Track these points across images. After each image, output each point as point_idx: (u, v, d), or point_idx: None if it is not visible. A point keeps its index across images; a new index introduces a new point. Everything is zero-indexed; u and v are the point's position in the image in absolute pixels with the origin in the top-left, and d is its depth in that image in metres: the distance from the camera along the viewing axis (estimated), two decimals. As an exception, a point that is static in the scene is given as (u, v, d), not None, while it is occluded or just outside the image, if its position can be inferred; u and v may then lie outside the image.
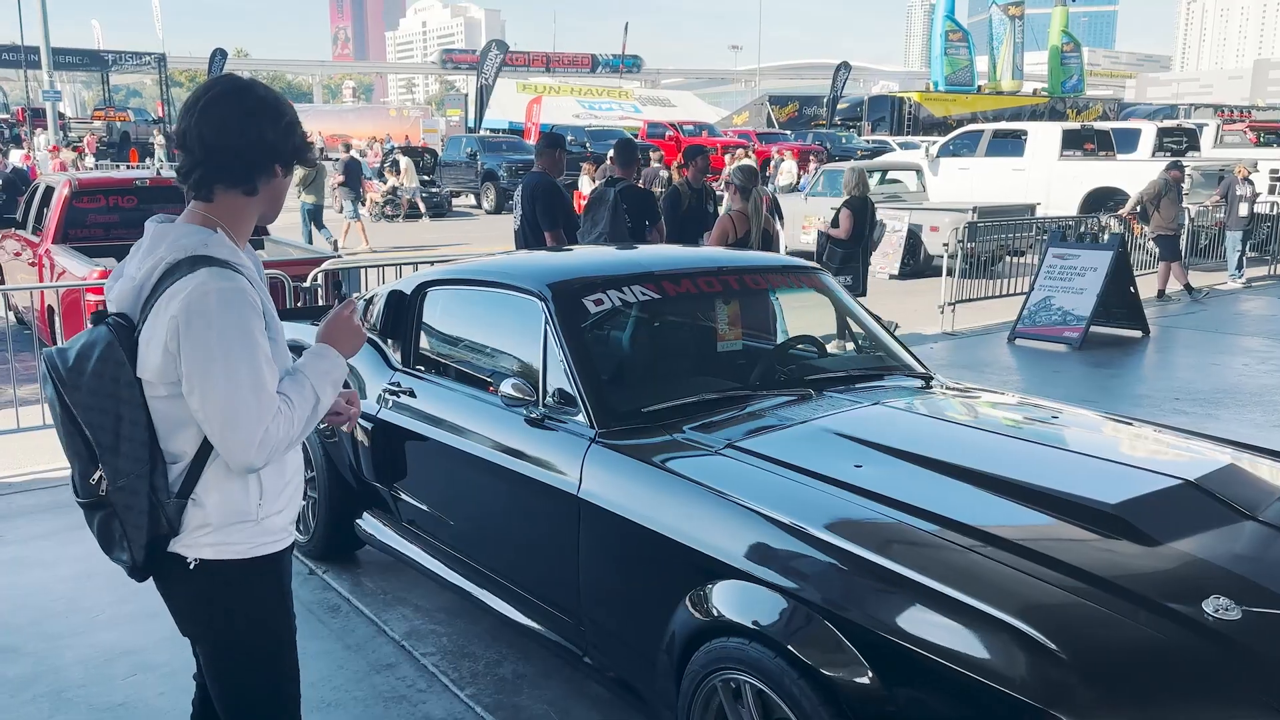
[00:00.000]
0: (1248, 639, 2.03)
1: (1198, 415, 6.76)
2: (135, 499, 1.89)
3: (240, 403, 1.80)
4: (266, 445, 1.84)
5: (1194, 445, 3.10)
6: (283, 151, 1.94)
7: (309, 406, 1.92)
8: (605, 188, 6.84)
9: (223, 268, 1.85)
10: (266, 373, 1.85)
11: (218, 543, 1.94)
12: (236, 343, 1.81)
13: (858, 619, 2.17)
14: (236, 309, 1.82)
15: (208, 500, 1.93)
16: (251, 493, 1.96)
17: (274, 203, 2.01)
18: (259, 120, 1.90)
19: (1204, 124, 22.88)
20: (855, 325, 3.94)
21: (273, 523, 2.01)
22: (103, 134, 38.08)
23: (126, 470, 1.88)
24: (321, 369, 1.97)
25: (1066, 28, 43.48)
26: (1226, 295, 12.17)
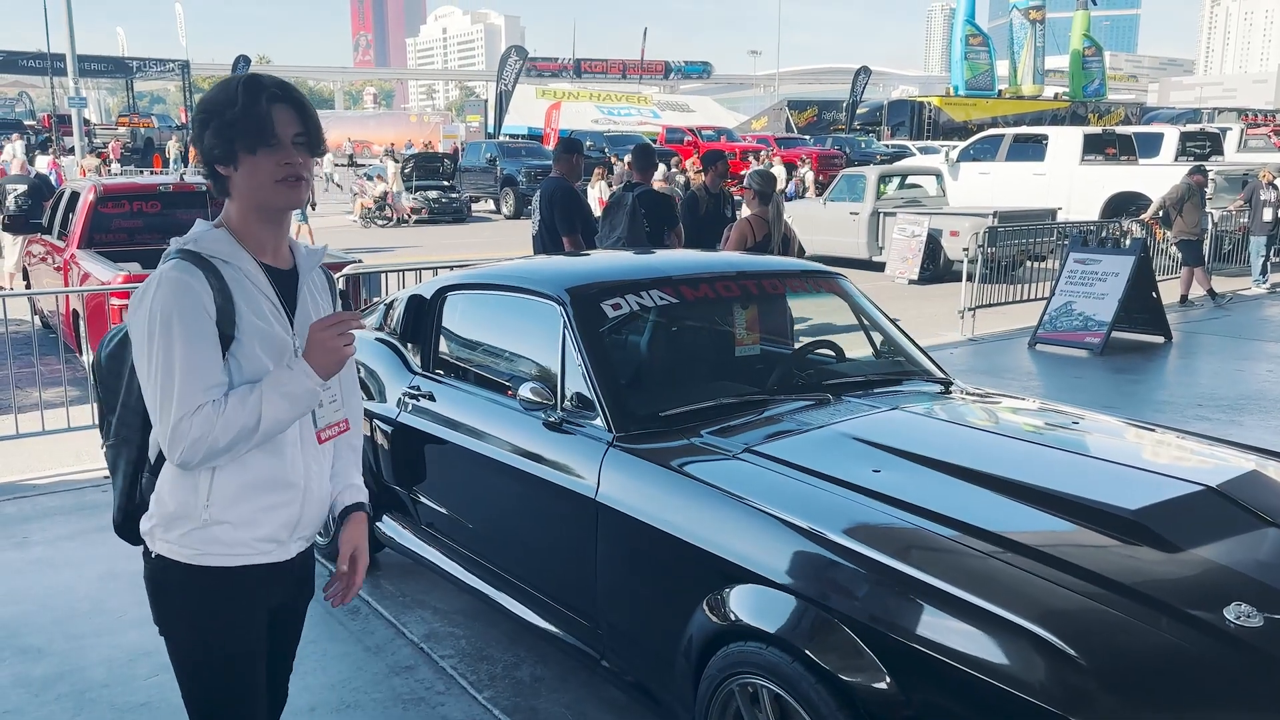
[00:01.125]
0: (1269, 646, 2.01)
1: (1221, 421, 6.70)
2: (120, 462, 2.00)
3: (156, 391, 1.78)
4: (179, 440, 1.76)
5: (1216, 451, 3.08)
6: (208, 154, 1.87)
7: (248, 415, 1.79)
8: (623, 192, 6.85)
9: (188, 260, 1.83)
10: (184, 365, 1.77)
11: (168, 539, 1.91)
12: (157, 333, 1.78)
13: (875, 624, 2.17)
14: (169, 299, 1.79)
15: (163, 487, 1.92)
16: (199, 491, 1.88)
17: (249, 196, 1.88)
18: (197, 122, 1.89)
19: (1228, 128, 22.71)
20: (874, 330, 3.93)
21: (225, 533, 1.89)
22: (127, 140, 38.48)
23: (118, 432, 2.01)
24: (278, 379, 1.83)
25: (1088, 31, 43.20)
26: (1250, 301, 12.06)
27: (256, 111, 1.82)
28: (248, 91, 1.83)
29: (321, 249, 2.12)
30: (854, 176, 15.26)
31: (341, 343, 1.88)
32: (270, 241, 1.95)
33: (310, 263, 2.05)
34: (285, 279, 1.97)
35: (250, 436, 1.81)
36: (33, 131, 39.05)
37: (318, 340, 1.86)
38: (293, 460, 1.95)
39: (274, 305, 1.92)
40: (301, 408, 1.87)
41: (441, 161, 25.56)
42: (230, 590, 1.94)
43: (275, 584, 2.00)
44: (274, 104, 1.83)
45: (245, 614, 1.97)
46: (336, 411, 2.04)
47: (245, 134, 1.82)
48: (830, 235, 14.55)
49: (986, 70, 40.87)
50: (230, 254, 1.88)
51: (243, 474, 1.89)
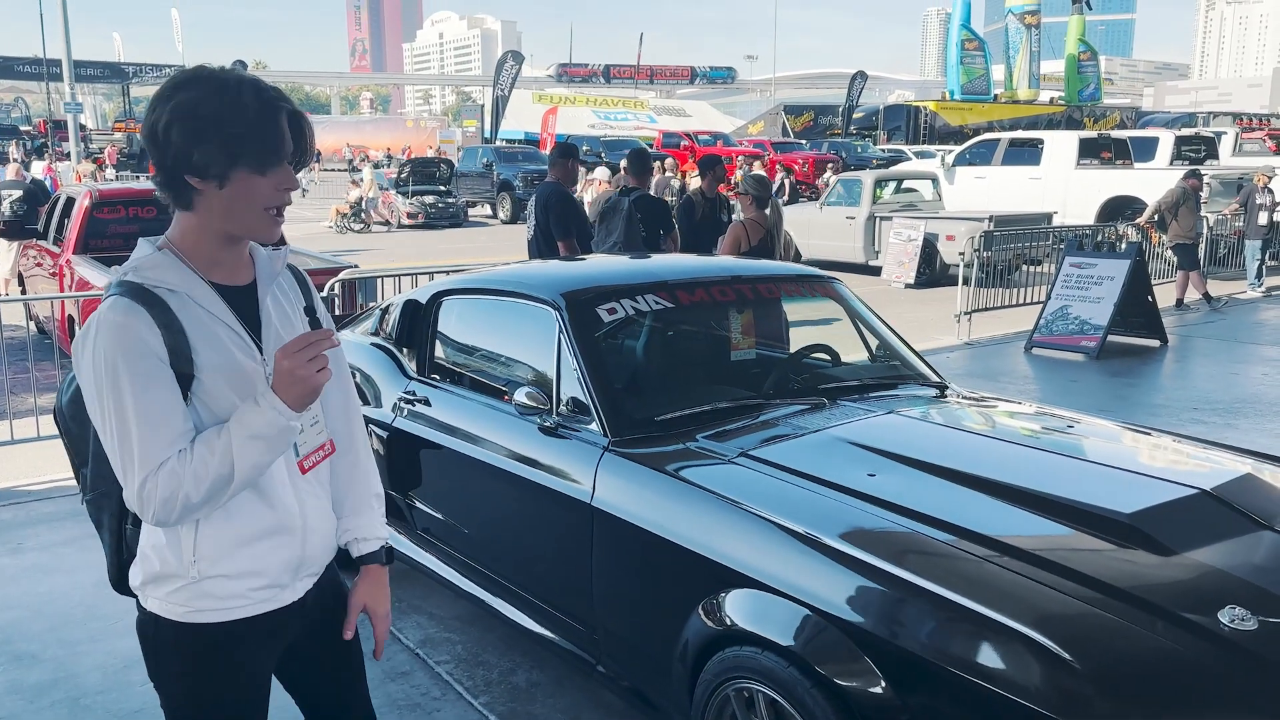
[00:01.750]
0: (1264, 649, 2.01)
1: (1216, 425, 6.71)
2: (102, 515, 1.82)
3: (115, 449, 1.59)
4: (148, 501, 1.58)
5: (1211, 455, 3.08)
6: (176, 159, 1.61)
7: (217, 462, 1.59)
8: (620, 197, 6.86)
9: (128, 296, 1.60)
10: (139, 419, 1.57)
11: (159, 597, 1.73)
12: (112, 385, 1.58)
13: (871, 628, 2.17)
14: (111, 346, 1.57)
15: (151, 544, 1.73)
16: (184, 547, 1.69)
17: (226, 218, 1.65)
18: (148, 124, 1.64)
19: (1223, 132, 22.76)
20: (869, 334, 3.93)
21: (217, 586, 1.71)
22: (123, 145, 38.49)
23: (94, 485, 1.81)
24: (245, 422, 1.61)
25: (1083, 36, 43.34)
26: (1246, 304, 12.09)
27: (275, 128, 1.61)
28: (262, 103, 1.60)
29: (283, 251, 1.83)
30: (850, 181, 15.30)
31: (313, 369, 1.62)
32: (228, 259, 1.71)
33: (272, 270, 1.78)
34: (244, 296, 1.74)
35: (226, 486, 1.61)
36: (28, 137, 39.04)
37: (284, 370, 1.61)
38: (282, 499, 1.74)
39: (234, 331, 1.69)
40: (278, 447, 1.64)
41: (438, 166, 25.58)
42: (228, 646, 1.76)
43: (282, 629, 1.82)
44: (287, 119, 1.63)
45: (244, 670, 1.80)
46: (319, 434, 1.81)
47: (257, 152, 1.59)
48: (827, 240, 14.57)
49: (982, 75, 40.99)
50: (177, 280, 1.65)
51: (229, 522, 1.70)
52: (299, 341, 1.63)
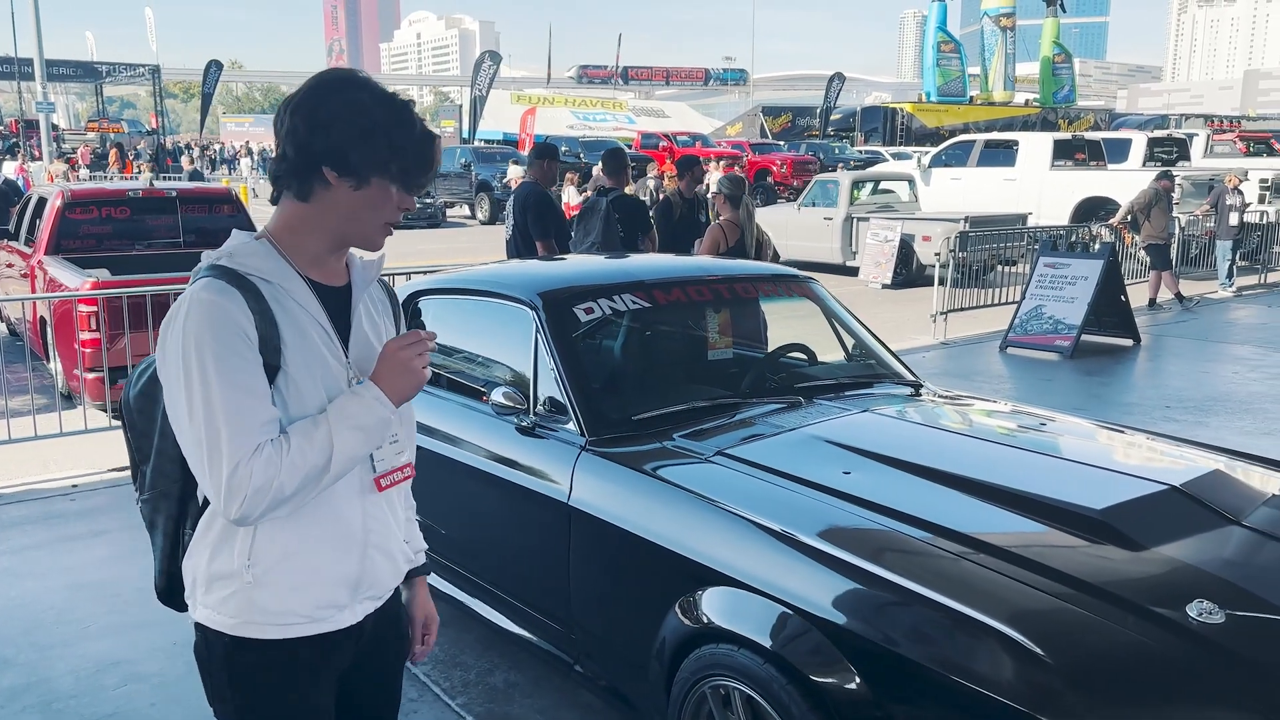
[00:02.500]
0: (1231, 642, 2.04)
1: (1188, 423, 6.78)
2: (158, 517, 1.74)
3: (201, 440, 1.51)
4: (238, 490, 1.49)
5: (1181, 452, 3.12)
6: (321, 148, 1.58)
7: (318, 454, 1.55)
8: (597, 197, 6.86)
9: (223, 279, 1.57)
10: (232, 402, 1.51)
11: (208, 605, 1.66)
12: (195, 366, 1.51)
13: (846, 624, 2.18)
14: (202, 324, 1.52)
15: (204, 545, 1.66)
16: (238, 548, 1.61)
17: (350, 222, 1.64)
18: (301, 109, 1.60)
19: (1194, 134, 23.01)
20: (845, 333, 3.96)
21: (270, 599, 1.62)
22: (96, 145, 38.09)
23: (154, 484, 1.73)
24: (348, 411, 1.59)
25: (1058, 39, 43.69)
26: (1217, 304, 12.23)
27: (430, 152, 1.64)
28: (425, 127, 1.64)
29: (379, 259, 1.80)
30: (828, 182, 15.36)
31: (420, 364, 1.65)
32: (329, 262, 1.69)
33: (367, 277, 1.76)
34: (337, 297, 1.71)
35: (320, 479, 1.56)
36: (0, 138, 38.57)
37: (397, 360, 1.63)
38: (344, 511, 1.68)
39: (325, 331, 1.66)
40: (374, 441, 1.63)
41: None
42: (282, 667, 1.67)
43: (339, 652, 1.73)
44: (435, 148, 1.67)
45: (304, 699, 1.70)
46: (399, 454, 1.76)
47: (411, 167, 1.62)
48: (805, 240, 14.63)
49: (958, 77, 41.24)
50: (273, 271, 1.62)
51: (290, 527, 1.62)
52: (411, 335, 1.67)
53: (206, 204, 8.41)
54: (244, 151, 41.94)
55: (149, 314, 6.26)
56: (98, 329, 6.34)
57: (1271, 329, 10.61)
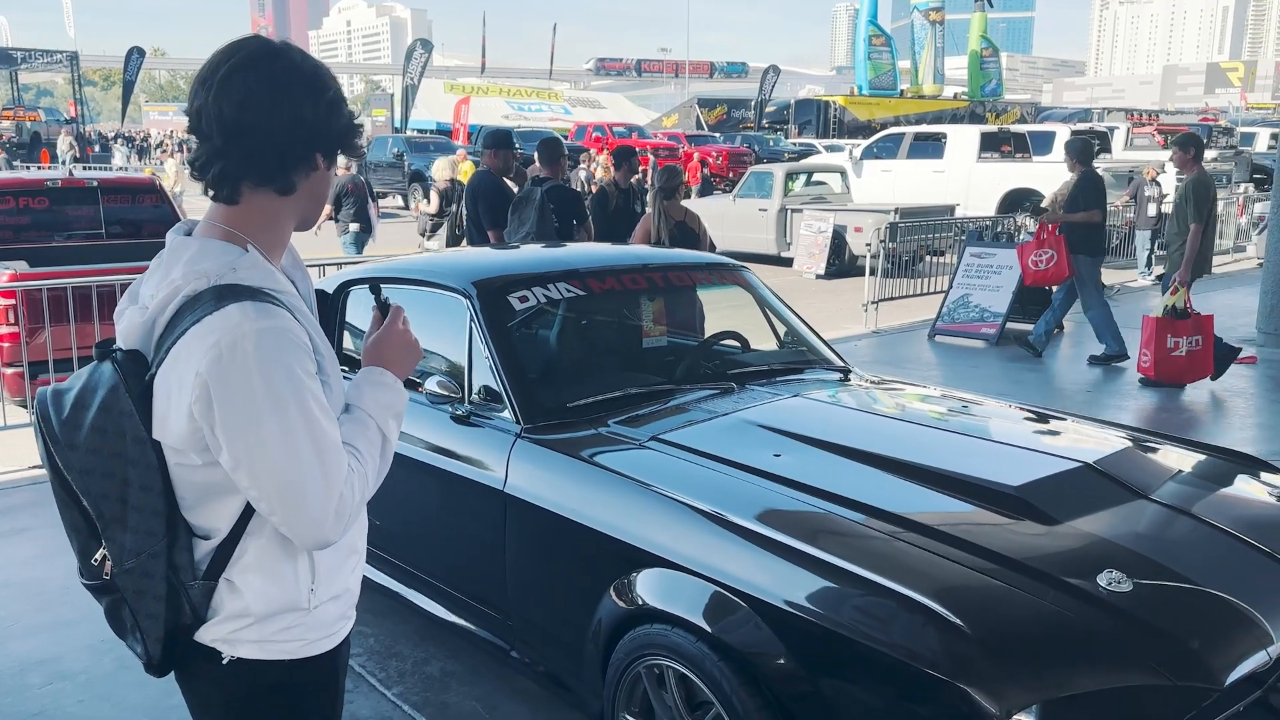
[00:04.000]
0: (1138, 610, 2.14)
1: (1108, 406, 7.02)
2: (148, 583, 1.49)
3: (305, 474, 1.42)
4: (344, 514, 1.46)
5: (1097, 432, 3.25)
6: (324, 135, 1.51)
7: (377, 451, 1.56)
8: (532, 187, 6.86)
9: (259, 301, 1.43)
10: (329, 429, 1.45)
11: (261, 639, 1.54)
12: (289, 400, 1.41)
13: (776, 602, 2.24)
14: (282, 355, 1.41)
15: (247, 584, 1.52)
16: (302, 576, 1.55)
17: (315, 202, 1.59)
18: (294, 93, 1.47)
19: (1115, 127, 23.69)
20: (777, 321, 4.03)
21: (327, 612, 1.60)
22: (12, 134, 36.76)
23: (136, 548, 1.48)
24: (384, 402, 1.59)
25: (985, 33, 44.56)
26: (1136, 291, 12.63)
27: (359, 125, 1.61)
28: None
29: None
30: (762, 174, 15.51)
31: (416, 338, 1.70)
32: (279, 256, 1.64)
33: (298, 260, 1.70)
34: None
35: (384, 474, 1.58)
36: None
37: (404, 343, 1.68)
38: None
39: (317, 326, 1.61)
40: (400, 426, 1.64)
41: (346, 156, 24.99)
42: (333, 674, 1.66)
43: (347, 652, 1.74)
44: None
45: (341, 700, 1.72)
46: None
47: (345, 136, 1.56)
48: (740, 231, 14.75)
49: (889, 70, 41.84)
50: (273, 281, 1.51)
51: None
52: (398, 316, 1.70)
53: (129, 194, 8.18)
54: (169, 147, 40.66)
55: (70, 307, 6.10)
56: (16, 323, 6.15)
57: (1186, 316, 10.99)
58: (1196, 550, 2.45)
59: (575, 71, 75.45)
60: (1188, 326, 7.18)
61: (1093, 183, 8.30)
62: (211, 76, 1.46)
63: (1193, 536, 2.52)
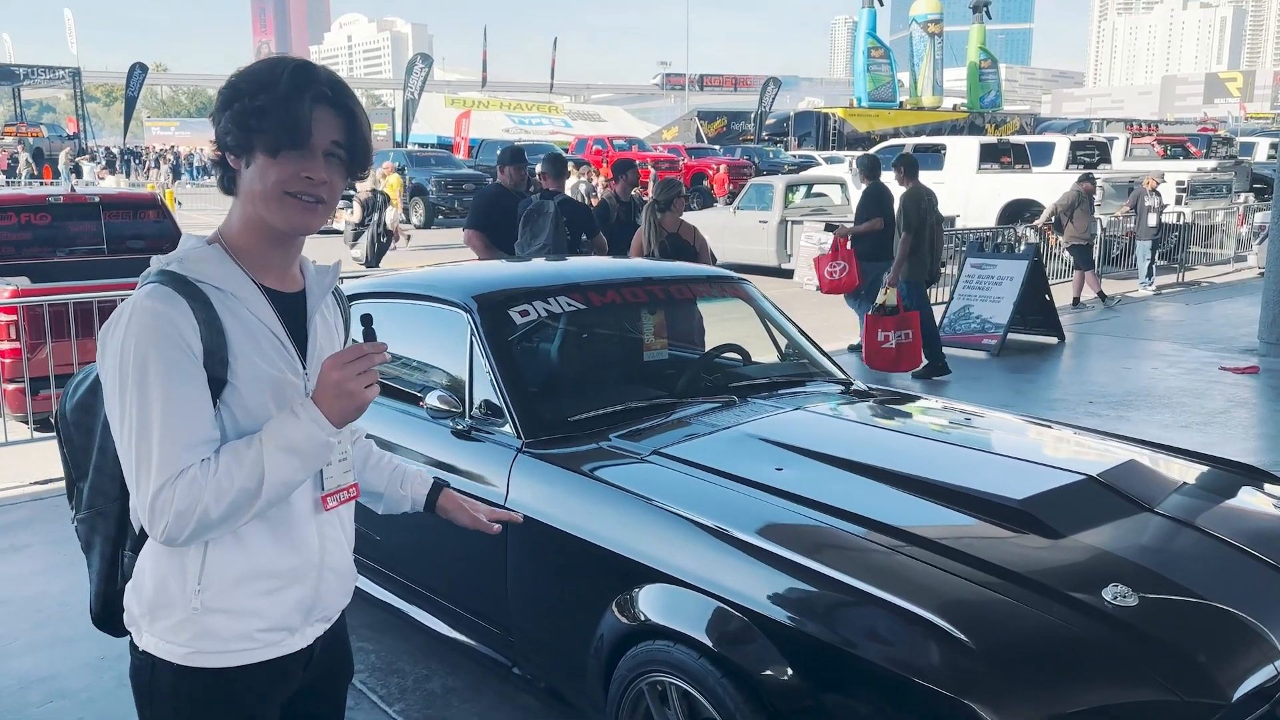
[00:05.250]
0: (1143, 624, 2.13)
1: (1110, 417, 7.01)
2: (93, 537, 1.65)
3: (131, 451, 1.44)
4: (161, 513, 1.42)
5: (1100, 444, 3.24)
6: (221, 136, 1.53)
7: (245, 476, 1.45)
8: (543, 200, 6.86)
9: (167, 285, 1.48)
10: (165, 418, 1.43)
11: (152, 630, 1.56)
12: (137, 376, 1.44)
13: (779, 618, 2.23)
14: (144, 334, 1.44)
15: (144, 565, 1.57)
16: (188, 572, 1.52)
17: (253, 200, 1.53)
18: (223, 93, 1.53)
19: (1115, 138, 23.72)
20: (778, 333, 4.02)
21: (220, 624, 1.54)
22: (15, 150, 36.87)
23: (89, 502, 1.65)
24: (282, 432, 1.48)
25: (984, 45, 44.70)
26: (1138, 302, 12.63)
27: (295, 106, 1.48)
28: (294, 80, 1.49)
29: (335, 266, 1.71)
30: (762, 186, 15.54)
31: (363, 383, 1.51)
32: (277, 261, 1.60)
33: (323, 284, 1.67)
34: (292, 305, 1.62)
35: (251, 504, 1.46)
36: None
37: (332, 381, 1.50)
38: (303, 533, 1.60)
39: (279, 341, 1.57)
40: (312, 465, 1.52)
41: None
42: (233, 696, 1.58)
43: (287, 677, 1.66)
44: (319, 103, 1.51)
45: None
46: (346, 473, 1.69)
47: (270, 128, 1.48)
48: (741, 243, 14.76)
49: (888, 82, 41.95)
50: (224, 277, 1.53)
51: (241, 549, 1.54)
52: (351, 352, 1.52)
53: (130, 210, 8.20)
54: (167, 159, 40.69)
55: (71, 323, 6.10)
56: (17, 338, 6.15)
57: (1189, 326, 10.99)
58: (1202, 563, 2.44)
59: (575, 85, 75.70)
60: (894, 322, 7.93)
61: (876, 195, 9.00)
62: None
63: (1198, 549, 2.50)
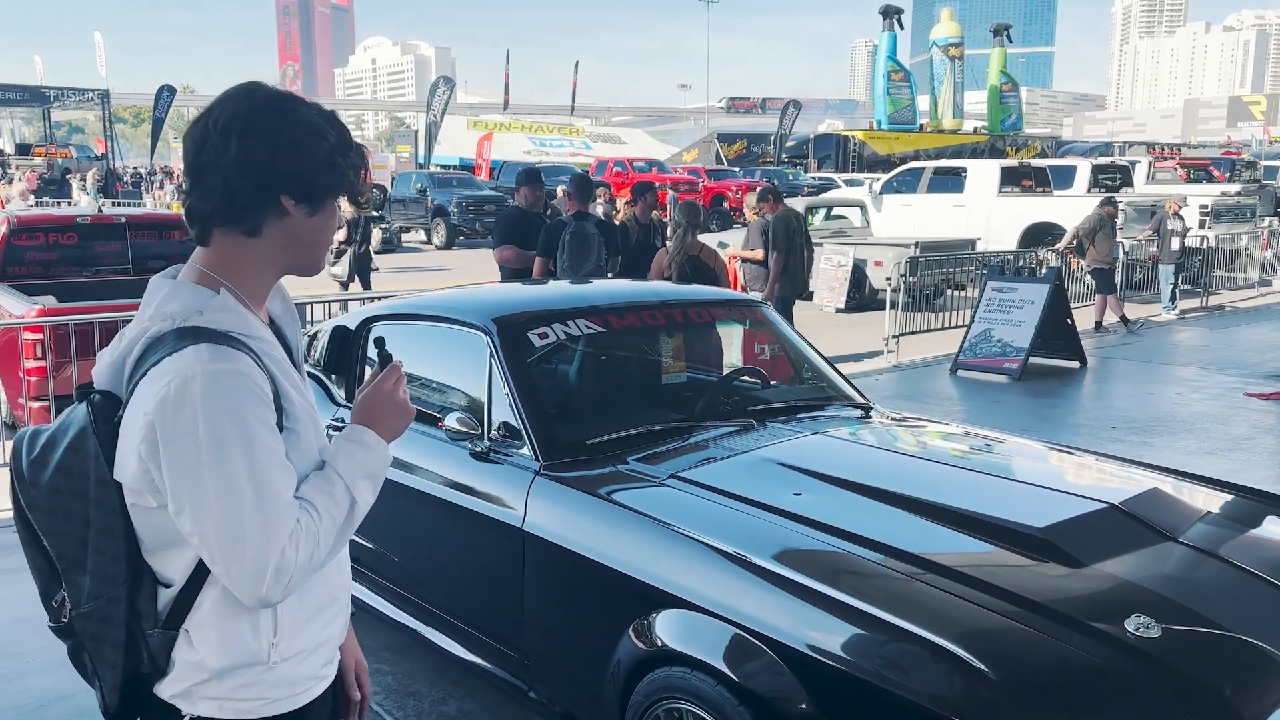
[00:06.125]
0: (1167, 655, 2.10)
1: (1133, 443, 6.94)
2: (107, 629, 1.46)
3: (243, 524, 1.36)
4: (284, 573, 1.39)
5: (1122, 471, 3.20)
6: (280, 177, 1.45)
7: (341, 513, 1.47)
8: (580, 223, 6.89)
9: (219, 344, 1.40)
10: (277, 480, 1.40)
11: (219, 696, 1.48)
12: (232, 445, 1.36)
13: (798, 645, 2.21)
14: (229, 399, 1.37)
15: (203, 638, 1.46)
16: (263, 630, 1.48)
17: (300, 249, 1.53)
18: (247, 133, 1.44)
19: (1137, 161, 23.63)
20: (796, 357, 4.01)
21: (292, 669, 1.52)
22: (43, 170, 37.41)
23: (95, 592, 1.45)
24: (357, 461, 1.51)
25: (1005, 68, 44.67)
26: (1160, 327, 12.53)
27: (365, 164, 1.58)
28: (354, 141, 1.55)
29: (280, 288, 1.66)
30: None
31: (408, 399, 1.61)
32: (266, 298, 1.58)
33: (290, 310, 1.66)
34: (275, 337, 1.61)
35: (346, 538, 1.49)
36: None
37: (392, 402, 1.58)
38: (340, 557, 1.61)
39: (298, 376, 1.56)
40: (378, 489, 1.55)
41: (371, 192, 25.36)
42: None
43: (325, 710, 1.64)
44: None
45: None
46: None
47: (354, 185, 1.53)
48: (759, 265, 14.75)
49: (908, 105, 41.96)
50: (245, 324, 1.47)
51: (302, 592, 1.51)
52: (392, 374, 1.61)
53: (156, 230, 8.30)
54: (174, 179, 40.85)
55: (96, 342, 6.16)
56: (44, 357, 6.22)
57: (1213, 351, 10.89)
58: (1225, 594, 2.40)
59: (595, 108, 76.25)
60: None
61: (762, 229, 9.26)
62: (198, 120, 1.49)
63: (1221, 580, 2.47)
